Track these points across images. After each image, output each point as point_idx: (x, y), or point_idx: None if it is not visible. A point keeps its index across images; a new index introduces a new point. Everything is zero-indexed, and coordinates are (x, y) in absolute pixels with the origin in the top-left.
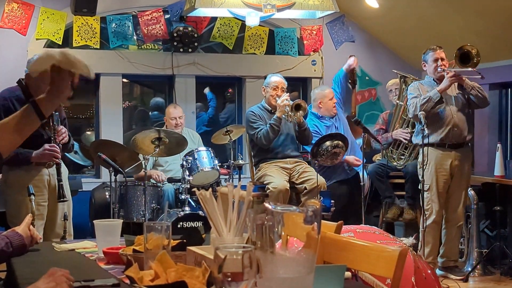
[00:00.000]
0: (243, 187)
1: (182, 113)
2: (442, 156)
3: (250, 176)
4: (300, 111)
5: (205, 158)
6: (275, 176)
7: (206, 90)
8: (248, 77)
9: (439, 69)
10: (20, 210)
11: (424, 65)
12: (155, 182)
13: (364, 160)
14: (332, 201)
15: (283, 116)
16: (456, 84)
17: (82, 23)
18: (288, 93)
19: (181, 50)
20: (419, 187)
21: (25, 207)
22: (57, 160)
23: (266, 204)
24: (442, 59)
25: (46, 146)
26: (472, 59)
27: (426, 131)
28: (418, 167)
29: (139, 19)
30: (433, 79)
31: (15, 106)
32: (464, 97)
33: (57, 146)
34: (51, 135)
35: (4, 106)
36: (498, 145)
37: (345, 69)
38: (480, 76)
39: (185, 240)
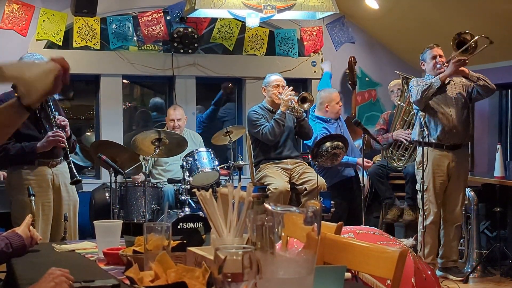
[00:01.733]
0: (243, 188)
1: (182, 116)
2: (439, 157)
3: (250, 177)
4: (307, 103)
5: (205, 159)
6: (276, 177)
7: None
8: (248, 78)
9: (438, 66)
10: (24, 211)
11: (423, 64)
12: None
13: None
14: (332, 202)
15: (288, 111)
16: (456, 85)
17: (82, 24)
18: (291, 87)
19: (181, 51)
20: (418, 188)
21: (29, 208)
22: (63, 144)
23: (266, 205)
24: (440, 56)
25: (49, 133)
26: (469, 46)
27: (426, 132)
28: (416, 167)
29: (139, 20)
30: (433, 77)
31: None
32: (464, 98)
33: (60, 131)
34: (52, 128)
35: None
36: (498, 146)
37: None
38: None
39: (185, 241)
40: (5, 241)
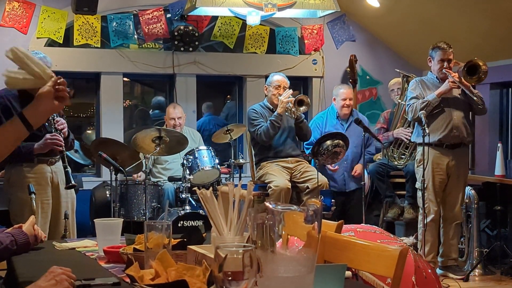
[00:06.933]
0: (244, 186)
1: (181, 114)
2: (439, 156)
3: (251, 175)
4: (303, 107)
5: (206, 157)
6: (277, 175)
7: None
8: (248, 76)
9: (444, 71)
10: (23, 209)
11: (430, 61)
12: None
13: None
14: (332, 200)
15: (286, 113)
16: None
17: (83, 22)
18: (292, 90)
19: (182, 49)
20: (417, 186)
21: (28, 205)
22: (60, 148)
23: (267, 203)
24: (449, 61)
25: (48, 136)
26: (479, 73)
27: (427, 130)
28: (415, 166)
29: (140, 18)
30: (436, 77)
31: (12, 103)
32: (465, 98)
33: (58, 135)
34: (51, 128)
35: (1, 104)
36: (499, 144)
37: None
38: (479, 103)
39: (185, 239)
40: (10, 238)
